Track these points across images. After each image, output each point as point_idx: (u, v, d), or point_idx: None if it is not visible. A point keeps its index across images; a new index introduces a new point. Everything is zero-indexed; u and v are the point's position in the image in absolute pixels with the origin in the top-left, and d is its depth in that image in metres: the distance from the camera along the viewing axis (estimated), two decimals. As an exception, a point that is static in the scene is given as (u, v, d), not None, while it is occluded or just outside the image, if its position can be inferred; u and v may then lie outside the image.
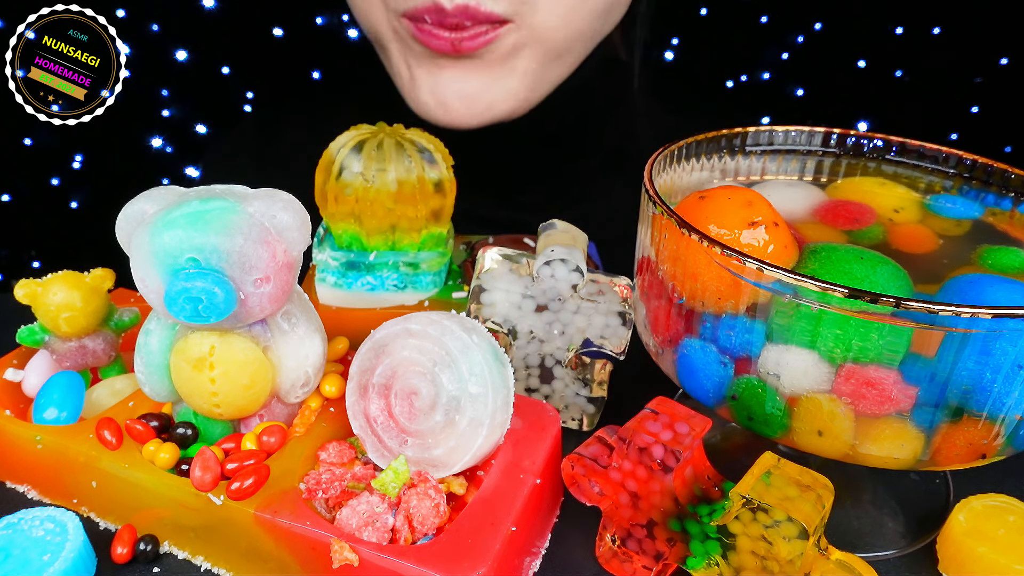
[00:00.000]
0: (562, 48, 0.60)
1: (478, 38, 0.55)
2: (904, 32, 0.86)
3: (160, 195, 0.38)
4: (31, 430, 0.42)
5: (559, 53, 0.60)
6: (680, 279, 0.38)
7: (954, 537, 0.39)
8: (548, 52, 0.60)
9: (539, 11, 0.56)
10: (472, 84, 0.58)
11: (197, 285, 0.35)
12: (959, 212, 0.46)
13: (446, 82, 0.58)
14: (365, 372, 0.39)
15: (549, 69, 0.61)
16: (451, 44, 0.55)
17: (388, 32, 0.59)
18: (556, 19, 0.57)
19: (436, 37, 0.55)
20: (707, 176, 0.49)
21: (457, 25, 0.54)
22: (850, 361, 0.34)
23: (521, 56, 0.58)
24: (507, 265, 0.46)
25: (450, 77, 0.58)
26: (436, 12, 0.54)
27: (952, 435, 0.35)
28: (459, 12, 0.54)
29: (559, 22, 0.58)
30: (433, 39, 0.55)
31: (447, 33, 0.55)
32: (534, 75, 0.60)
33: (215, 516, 0.37)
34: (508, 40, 0.57)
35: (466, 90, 0.59)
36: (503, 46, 0.57)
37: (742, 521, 0.36)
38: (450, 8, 0.53)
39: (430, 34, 0.55)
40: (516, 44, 0.58)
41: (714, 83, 0.92)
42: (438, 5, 0.53)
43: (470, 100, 0.59)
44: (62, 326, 0.44)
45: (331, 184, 0.52)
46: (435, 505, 0.36)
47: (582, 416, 0.49)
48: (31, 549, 0.36)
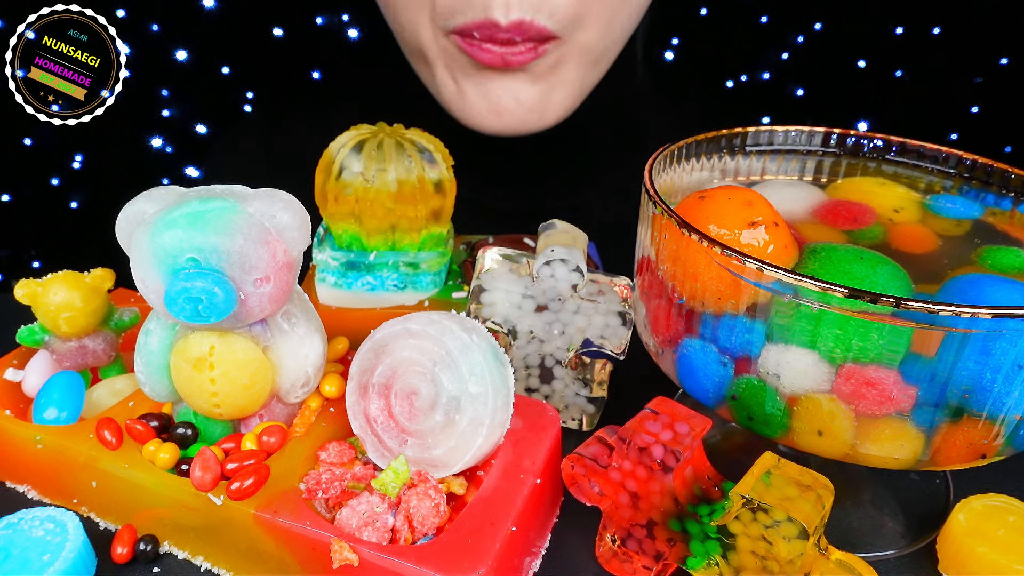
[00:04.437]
0: (600, 55, 0.62)
1: (527, 53, 0.56)
2: (904, 32, 0.86)
3: (160, 195, 0.38)
4: (31, 430, 0.42)
5: (598, 60, 0.62)
6: (680, 279, 0.38)
7: (954, 537, 0.39)
8: (589, 61, 0.61)
9: (585, 28, 0.58)
10: (523, 93, 0.59)
11: (197, 285, 0.35)
12: (959, 212, 0.46)
13: (497, 91, 0.59)
14: (365, 372, 0.39)
15: (589, 75, 0.63)
16: (501, 58, 0.56)
17: (434, 48, 0.60)
18: (598, 33, 0.59)
19: (486, 51, 0.55)
20: (707, 176, 0.49)
21: (508, 40, 0.55)
22: (850, 361, 0.34)
23: (565, 67, 0.60)
24: (507, 265, 0.46)
25: (500, 87, 0.59)
26: (489, 27, 0.54)
27: (952, 435, 0.35)
28: (513, 28, 0.54)
29: (600, 35, 0.59)
30: (483, 53, 0.55)
31: (498, 48, 0.55)
32: (579, 84, 0.62)
33: (215, 516, 0.37)
34: (553, 55, 0.58)
35: (519, 98, 0.59)
36: (548, 60, 0.58)
37: (742, 521, 0.36)
38: (505, 24, 0.54)
39: (480, 48, 0.55)
40: (560, 57, 0.59)
41: (714, 83, 0.92)
42: (492, 20, 0.53)
43: (523, 108, 0.60)
44: (62, 326, 0.44)
45: (331, 184, 0.52)
46: (435, 505, 0.36)
47: (582, 416, 0.49)
48: (31, 549, 0.36)
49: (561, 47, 0.58)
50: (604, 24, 0.59)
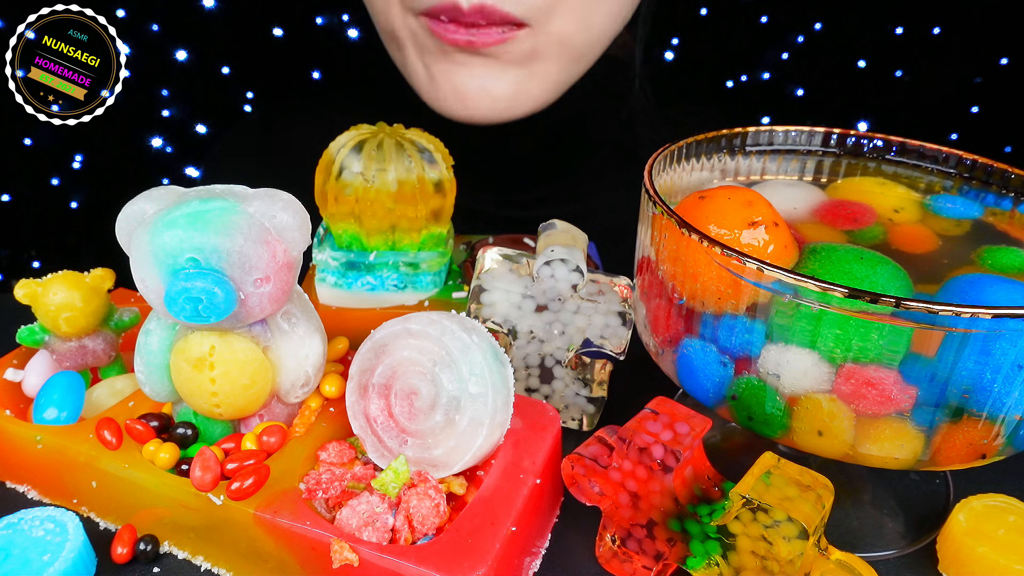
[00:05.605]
0: (582, 51, 0.62)
1: (493, 36, 0.56)
2: (904, 32, 0.86)
3: (160, 195, 0.38)
4: (31, 430, 0.42)
5: (579, 56, 0.62)
6: (680, 279, 0.38)
7: (954, 537, 0.39)
8: (569, 56, 0.61)
9: (556, 18, 0.58)
10: (491, 82, 0.60)
11: (197, 285, 0.35)
12: (959, 212, 0.46)
13: (464, 77, 0.59)
14: (365, 372, 0.39)
15: (568, 72, 0.63)
16: (467, 39, 0.56)
17: (404, 31, 0.60)
18: (573, 25, 0.59)
19: (451, 31, 0.56)
20: (707, 176, 0.49)
21: (472, 24, 0.56)
22: (850, 361, 0.34)
23: (541, 60, 0.60)
24: (507, 265, 0.46)
25: (468, 73, 0.59)
26: (452, 10, 0.55)
27: (952, 435, 0.35)
28: (475, 12, 0.55)
29: (576, 27, 0.59)
30: (449, 32, 0.56)
31: (463, 30, 0.56)
32: (555, 78, 0.62)
33: (215, 516, 0.37)
34: (526, 44, 0.58)
35: (485, 86, 0.60)
36: (520, 48, 0.58)
37: (742, 521, 0.36)
38: (466, 8, 0.54)
39: (445, 28, 0.56)
40: (535, 49, 0.59)
41: (714, 83, 0.92)
42: (455, 4, 0.54)
43: (490, 96, 0.60)
44: (62, 326, 0.44)
45: (331, 184, 0.52)
46: (435, 505, 0.36)
47: (582, 416, 0.49)
48: (31, 549, 0.36)
49: (534, 37, 0.58)
50: (579, 17, 0.59)
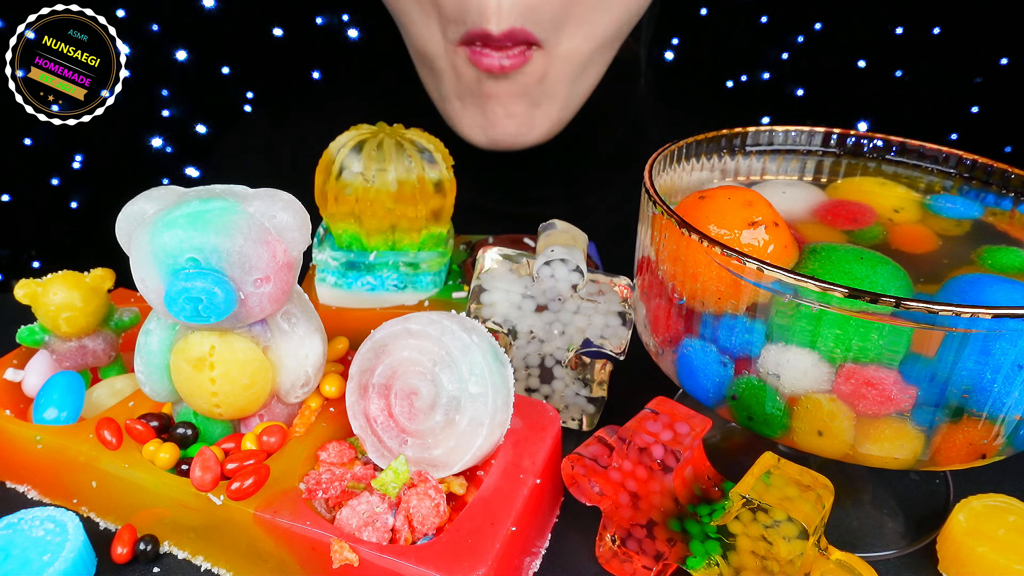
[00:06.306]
0: (586, 61, 0.64)
1: (518, 56, 0.60)
2: (904, 32, 0.86)
3: (160, 195, 0.38)
4: (31, 430, 0.42)
5: (584, 67, 0.64)
6: (680, 279, 0.38)
7: (954, 537, 0.39)
8: (574, 69, 0.63)
9: (563, 37, 0.61)
10: (515, 108, 0.63)
11: (197, 285, 0.35)
12: (959, 212, 0.46)
13: (494, 109, 0.63)
14: (365, 372, 0.39)
15: (577, 85, 0.65)
16: (499, 63, 0.60)
17: (444, 62, 0.63)
18: (578, 40, 0.62)
19: (488, 56, 0.60)
20: (707, 176, 0.49)
21: (501, 47, 0.59)
22: (850, 361, 0.34)
23: (550, 78, 0.63)
24: (507, 265, 0.46)
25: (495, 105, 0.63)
26: (484, 36, 0.59)
27: (952, 435, 0.35)
28: (504, 36, 0.58)
29: (581, 41, 0.62)
30: (484, 58, 0.60)
31: (495, 53, 0.60)
32: (565, 95, 0.65)
33: (215, 516, 0.37)
34: (538, 64, 0.61)
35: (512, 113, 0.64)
36: (535, 69, 0.61)
37: (742, 521, 0.36)
38: (496, 33, 0.58)
39: (482, 55, 0.60)
40: (545, 68, 0.62)
41: (714, 83, 0.92)
42: (485, 31, 0.58)
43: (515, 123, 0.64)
44: (62, 326, 0.44)
45: (331, 184, 0.52)
46: (435, 505, 0.36)
47: (582, 416, 0.49)
48: (31, 549, 0.36)
49: (545, 57, 0.61)
50: (584, 32, 0.61)
